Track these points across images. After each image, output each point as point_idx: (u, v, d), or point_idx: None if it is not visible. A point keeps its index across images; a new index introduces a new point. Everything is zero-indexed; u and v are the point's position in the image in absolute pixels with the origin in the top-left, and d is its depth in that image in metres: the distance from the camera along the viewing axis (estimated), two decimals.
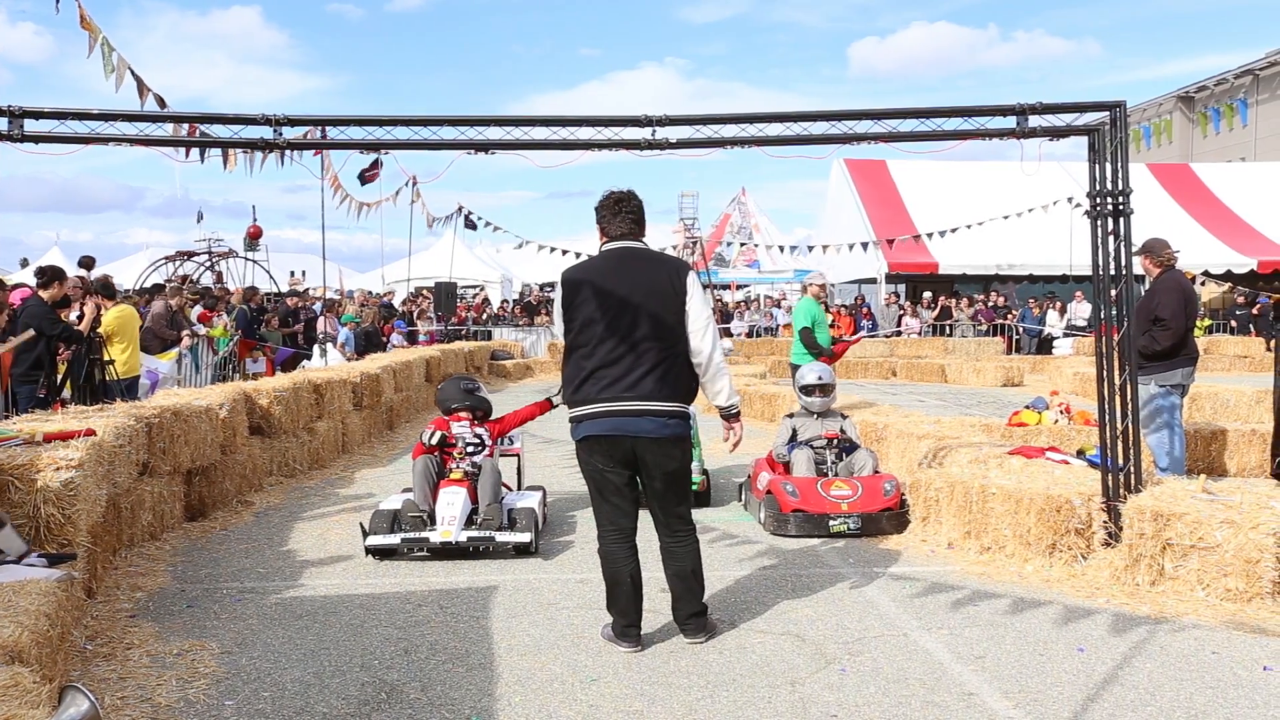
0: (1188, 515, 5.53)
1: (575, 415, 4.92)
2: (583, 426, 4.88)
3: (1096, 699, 4.27)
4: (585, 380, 4.85)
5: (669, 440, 4.85)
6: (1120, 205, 6.11)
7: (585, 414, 4.86)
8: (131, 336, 11.29)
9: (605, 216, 5.04)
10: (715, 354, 4.94)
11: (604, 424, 4.81)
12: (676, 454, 4.91)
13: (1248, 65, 46.19)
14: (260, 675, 4.56)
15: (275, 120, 6.13)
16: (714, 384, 4.98)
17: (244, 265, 23.88)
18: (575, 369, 4.90)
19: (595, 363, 4.82)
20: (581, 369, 4.86)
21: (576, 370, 4.89)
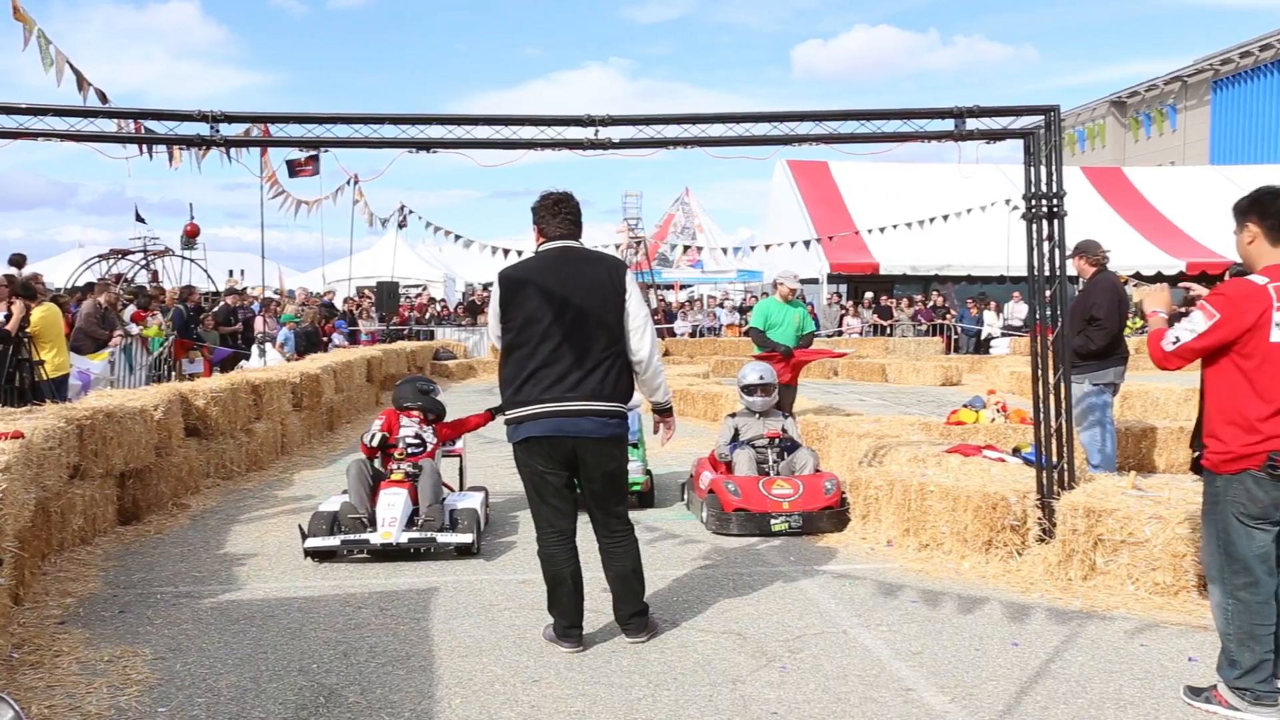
0: (1118, 511, 5.66)
1: (515, 416, 4.87)
2: (523, 428, 4.84)
3: (1029, 692, 4.35)
4: (526, 381, 4.81)
5: (609, 440, 4.85)
6: (1054, 207, 6.23)
7: (525, 415, 4.82)
8: (57, 336, 11.02)
9: (544, 217, 5.02)
10: (654, 353, 4.96)
11: (545, 424, 4.78)
12: (616, 454, 4.92)
13: (1176, 72, 47.38)
14: (195, 681, 4.48)
15: (212, 116, 6.03)
16: (652, 382, 5.02)
17: (180, 264, 23.45)
18: (515, 369, 4.86)
19: (537, 363, 4.79)
20: (522, 369, 4.82)
21: (517, 371, 4.85)
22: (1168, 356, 4.16)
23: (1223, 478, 4.09)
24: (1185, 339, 4.10)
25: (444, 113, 6.25)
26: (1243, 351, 4.02)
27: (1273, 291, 3.98)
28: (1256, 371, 4.00)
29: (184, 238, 23.38)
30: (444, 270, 34.93)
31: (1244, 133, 43.74)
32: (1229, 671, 4.11)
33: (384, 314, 24.43)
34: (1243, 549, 4.05)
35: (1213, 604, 4.26)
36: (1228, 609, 4.12)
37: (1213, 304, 4.06)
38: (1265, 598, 4.06)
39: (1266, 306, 3.97)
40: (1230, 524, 4.08)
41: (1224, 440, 4.08)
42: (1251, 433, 4.00)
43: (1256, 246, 4.14)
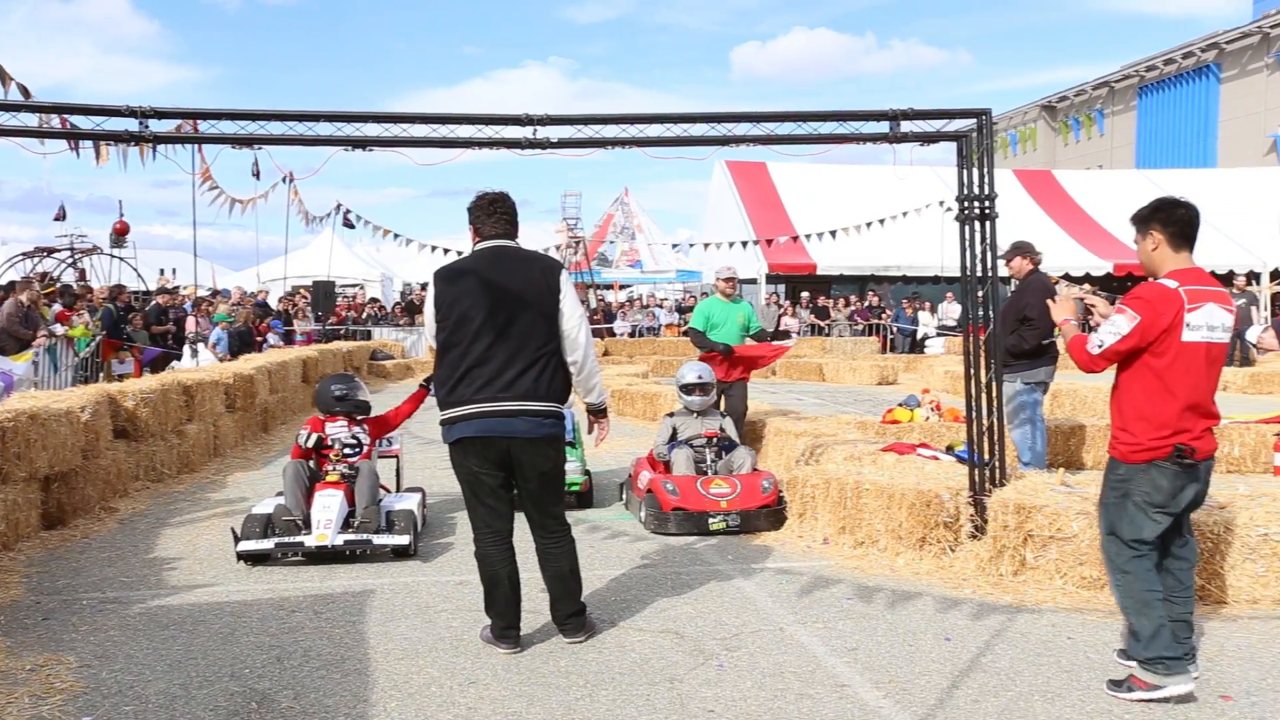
0: (1047, 507, 5.78)
1: (449, 417, 4.84)
2: (456, 428, 4.81)
3: (961, 685, 4.43)
4: (460, 380, 4.78)
5: (544, 440, 4.83)
6: (987, 209, 6.35)
7: (459, 415, 4.79)
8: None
9: (479, 217, 5.00)
10: (589, 353, 4.95)
11: (478, 425, 4.75)
12: (551, 454, 4.90)
13: (1104, 77, 48.44)
14: (122, 689, 4.38)
15: (141, 112, 5.91)
16: (588, 382, 5.00)
17: (109, 263, 22.93)
18: (449, 369, 4.83)
19: (469, 363, 4.75)
20: (455, 369, 4.79)
21: (451, 370, 4.82)
22: (1094, 359, 4.38)
23: (1129, 467, 4.33)
24: (1110, 342, 4.31)
25: (381, 110, 6.18)
26: (1156, 351, 4.26)
27: (1184, 294, 4.22)
28: (1168, 369, 4.24)
29: (113, 236, 22.88)
30: (381, 270, 34.57)
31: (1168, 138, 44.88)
32: (1137, 648, 4.32)
33: (320, 314, 24.11)
34: (1130, 534, 4.32)
35: (1110, 585, 4.52)
36: (1120, 584, 4.40)
37: (1133, 307, 4.28)
38: (1150, 566, 4.33)
39: (1179, 308, 4.21)
40: (1127, 511, 4.32)
41: (1134, 433, 4.31)
42: (1161, 427, 4.24)
43: (1160, 253, 4.41)
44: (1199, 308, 4.23)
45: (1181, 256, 4.37)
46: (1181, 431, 4.22)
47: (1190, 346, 4.22)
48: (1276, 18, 39.92)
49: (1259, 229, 29.45)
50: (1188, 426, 4.23)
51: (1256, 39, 40.95)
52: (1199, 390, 4.26)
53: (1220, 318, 4.28)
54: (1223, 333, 4.30)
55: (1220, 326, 4.28)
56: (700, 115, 6.37)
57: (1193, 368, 4.24)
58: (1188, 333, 4.21)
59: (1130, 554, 4.33)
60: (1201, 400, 4.27)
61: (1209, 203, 33.82)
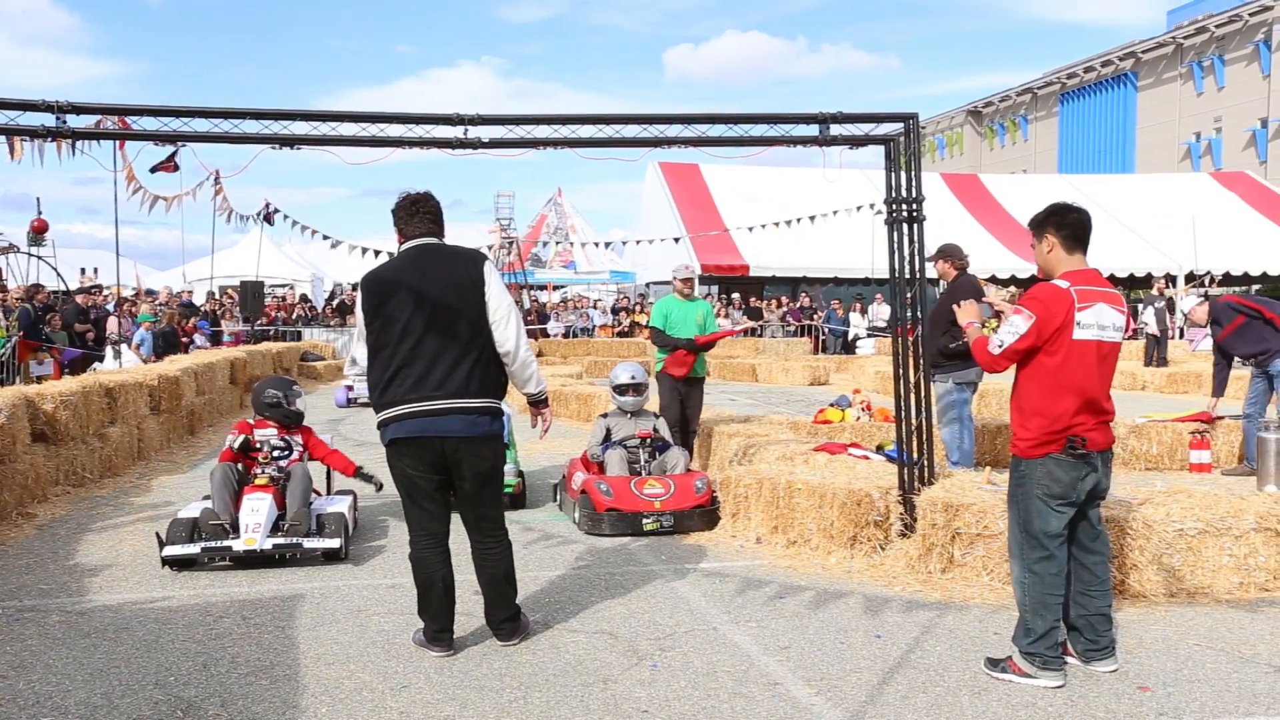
0: (974, 505, 5.89)
1: (383, 419, 4.78)
2: (390, 429, 4.75)
3: (891, 681, 4.50)
4: (390, 382, 4.73)
5: (479, 439, 4.78)
6: (914, 212, 6.45)
7: (392, 416, 4.73)
8: None
9: (403, 218, 4.94)
10: (521, 343, 4.87)
11: (411, 425, 4.70)
12: (488, 454, 4.84)
13: (1027, 84, 49.54)
14: (40, 699, 4.26)
15: (59, 107, 5.75)
16: (523, 373, 4.93)
17: (27, 261, 22.27)
18: (379, 372, 4.77)
19: (399, 362, 4.70)
20: (385, 371, 4.74)
21: (381, 373, 4.76)
22: (996, 359, 4.56)
23: (1028, 462, 4.50)
24: (1009, 341, 4.49)
25: (309, 109, 6.09)
26: (1050, 349, 4.44)
27: (1074, 294, 4.42)
28: (1061, 367, 4.43)
29: (30, 234, 22.20)
30: (311, 270, 34.07)
31: (1088, 143, 46.04)
32: (1023, 640, 4.50)
33: (248, 314, 23.69)
34: (1040, 527, 4.46)
35: (1013, 579, 4.66)
36: (1025, 582, 4.53)
37: (1028, 307, 4.47)
38: (1058, 570, 4.48)
39: (1070, 306, 4.40)
40: (1032, 504, 4.48)
41: (1029, 428, 4.49)
42: (1054, 420, 4.42)
43: (1055, 255, 4.62)
44: (1089, 307, 4.42)
45: (1075, 259, 4.57)
46: (1074, 426, 4.40)
47: (1081, 344, 4.41)
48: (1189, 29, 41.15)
49: (1175, 234, 30.35)
50: (1081, 421, 4.42)
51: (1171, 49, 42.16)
52: (1091, 386, 4.44)
53: (1111, 317, 4.48)
54: (1114, 331, 4.50)
55: (1111, 325, 4.48)
56: (632, 116, 6.38)
57: (1084, 365, 4.43)
58: (1078, 331, 4.40)
59: (1040, 554, 4.46)
60: (1095, 396, 4.45)
61: (1128, 207, 34.82)
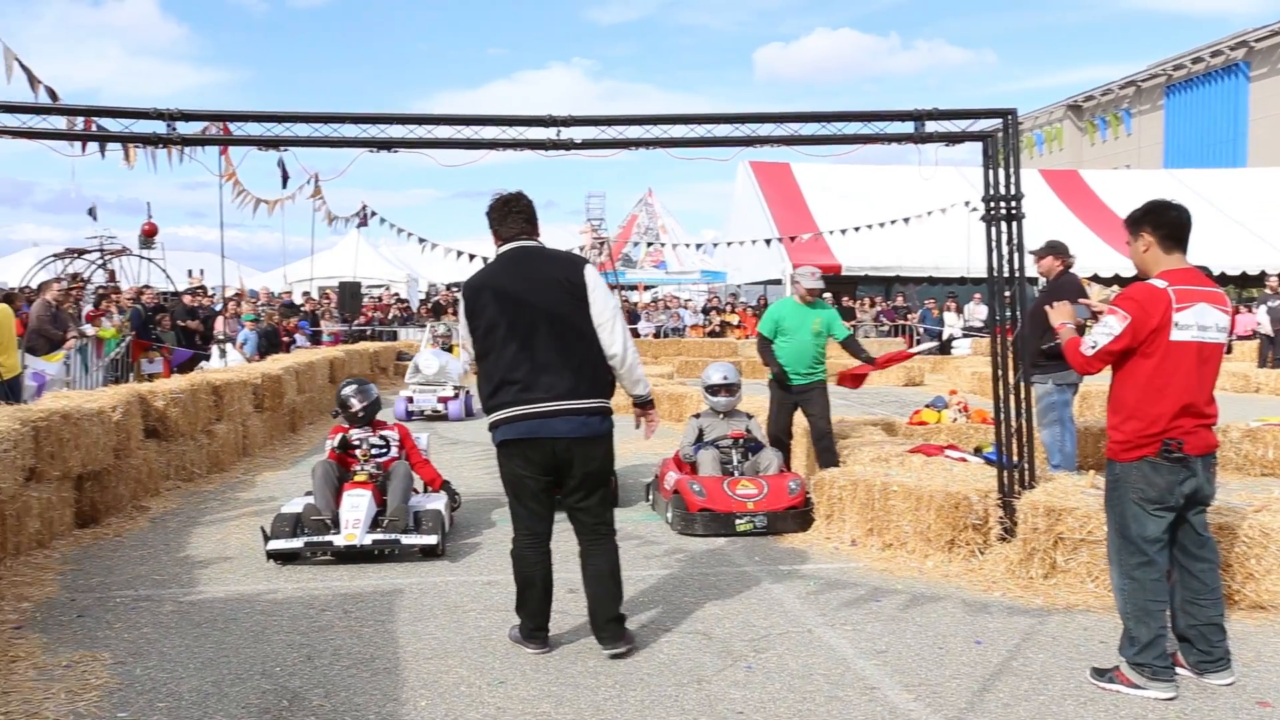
0: (1078, 510, 5.73)
1: (494, 420, 4.81)
2: (501, 431, 4.78)
3: (992, 688, 4.40)
4: (498, 387, 4.75)
5: (590, 439, 4.76)
6: (1013, 209, 6.31)
7: (502, 418, 4.76)
8: (8, 338, 10.83)
9: (495, 220, 4.96)
10: (628, 347, 4.85)
11: (522, 427, 4.71)
12: (598, 454, 4.82)
13: (1131, 76, 48.04)
14: (155, 686, 4.42)
15: (169, 114, 5.96)
16: (630, 375, 4.90)
17: (138, 264, 23.12)
18: (486, 377, 4.81)
19: (505, 367, 4.73)
20: (492, 376, 4.77)
21: (488, 378, 4.80)
22: (1089, 361, 4.45)
23: (1123, 465, 4.39)
24: (1103, 342, 4.39)
25: (405, 112, 6.22)
26: (1146, 350, 4.32)
27: (1172, 293, 4.29)
28: (1157, 368, 4.30)
29: (141, 237, 23.04)
30: (406, 270, 34.72)
31: (1196, 137, 44.46)
32: (1129, 649, 4.37)
33: (346, 314, 24.24)
34: (1137, 531, 4.34)
35: (1113, 586, 4.53)
36: (1125, 589, 4.41)
37: (1123, 308, 4.35)
38: (1158, 575, 4.35)
39: (1167, 307, 4.28)
40: (1128, 508, 4.36)
41: (1124, 431, 4.37)
42: (1151, 423, 4.29)
43: (1151, 254, 4.49)
44: (1189, 307, 4.28)
45: (1173, 258, 4.44)
46: (1172, 429, 4.27)
47: (1180, 345, 4.28)
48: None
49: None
50: (1179, 424, 4.28)
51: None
52: (1190, 389, 4.30)
53: (1213, 317, 4.33)
54: (1216, 332, 4.35)
55: (1214, 326, 4.33)
56: (724, 116, 6.36)
57: (1183, 366, 4.29)
58: (1176, 332, 4.28)
59: (1138, 560, 4.34)
60: (1194, 399, 4.31)
61: (1239, 202, 33.58)
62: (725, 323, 28.06)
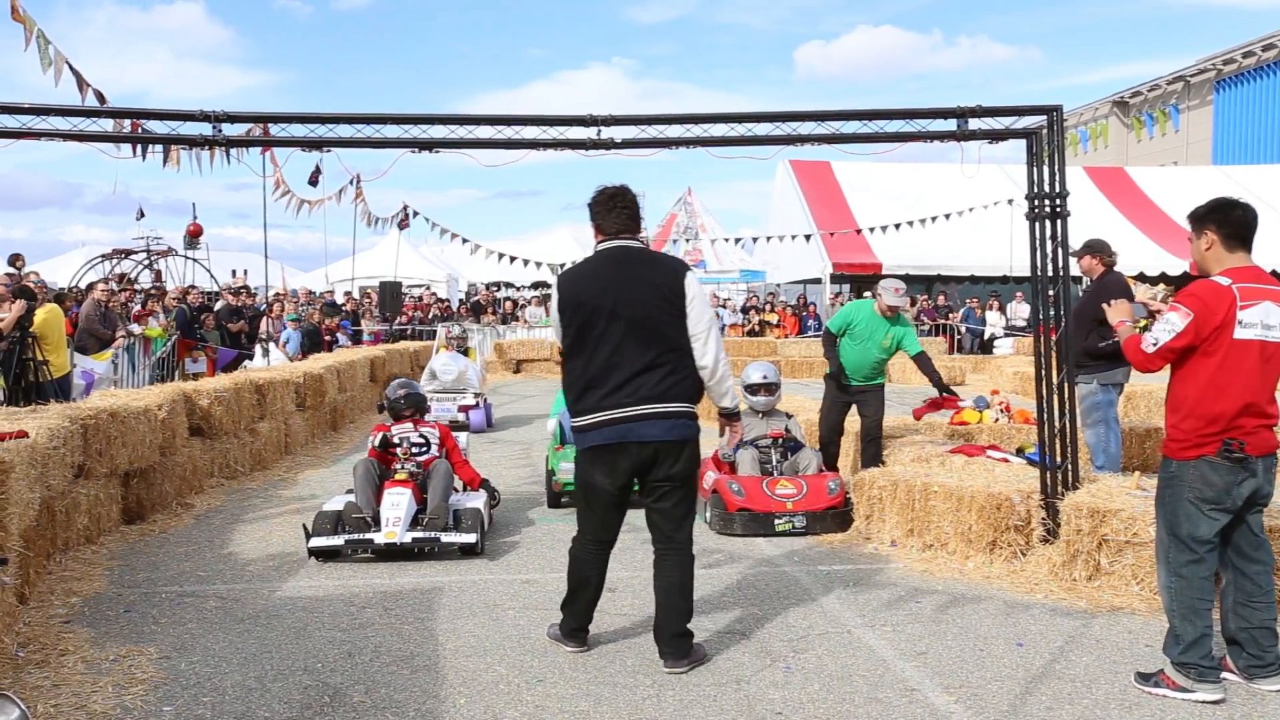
0: (1123, 511, 5.65)
1: (580, 425, 4.71)
2: (589, 435, 4.67)
3: (1034, 692, 4.35)
4: (587, 388, 4.65)
5: (679, 443, 4.65)
6: (1057, 207, 6.23)
7: (589, 423, 4.65)
8: (58, 337, 11.10)
9: (599, 213, 4.80)
10: (720, 360, 4.73)
11: (609, 432, 4.60)
12: (684, 458, 4.69)
13: (1179, 72, 47.30)
14: (200, 680, 4.49)
15: (215, 116, 6.04)
16: (719, 388, 4.78)
17: (184, 264, 23.46)
18: (575, 376, 4.70)
19: (596, 368, 4.62)
20: (582, 375, 4.67)
21: (576, 377, 4.69)
22: (1150, 358, 4.37)
23: (1179, 463, 4.33)
24: (1164, 339, 4.31)
25: (446, 113, 6.25)
26: (1208, 348, 4.25)
27: (1236, 291, 4.23)
28: (1219, 366, 4.24)
29: (187, 238, 23.38)
30: (447, 270, 34.93)
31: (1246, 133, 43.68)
32: (1173, 649, 4.32)
33: (387, 314, 24.43)
34: (1188, 531, 4.28)
35: (1160, 584, 4.47)
36: (1172, 587, 4.35)
37: (1186, 304, 4.28)
38: (1207, 574, 4.30)
39: (1231, 304, 4.21)
40: (1181, 507, 4.30)
41: (1183, 429, 4.31)
42: (1210, 422, 4.24)
43: (1213, 252, 4.42)
44: (1253, 305, 4.22)
45: (1236, 256, 4.37)
46: (1232, 429, 4.21)
47: (1243, 344, 4.22)
48: None
49: None
50: (1240, 424, 4.22)
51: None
52: (1253, 388, 4.24)
53: (1277, 316, 4.25)
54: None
55: (1278, 325, 4.25)
56: (765, 114, 6.34)
57: (1245, 365, 4.23)
58: (1240, 330, 4.21)
59: (1188, 557, 4.29)
60: (1256, 398, 4.25)
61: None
62: (764, 322, 27.95)
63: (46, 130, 6.01)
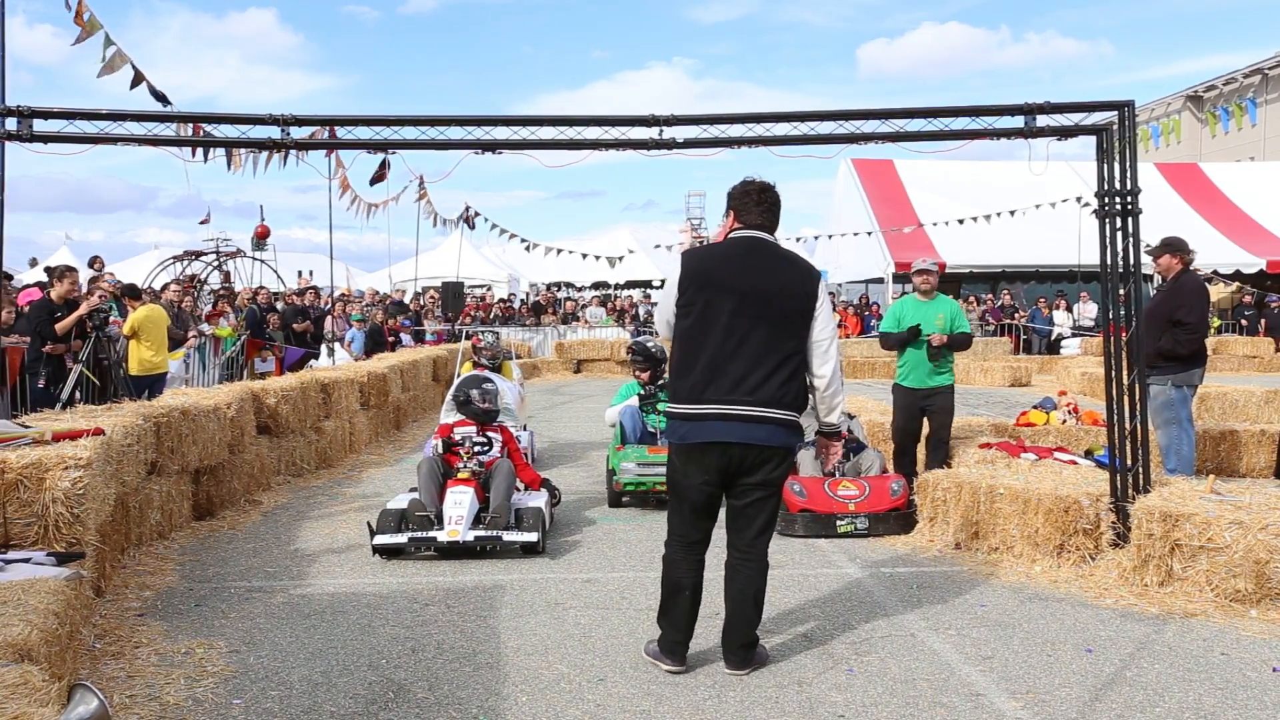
0: (1196, 516, 5.51)
1: (682, 412, 4.51)
2: (688, 429, 4.49)
3: (1104, 699, 4.26)
4: (700, 374, 4.45)
5: (778, 449, 4.50)
6: (1129, 204, 6.10)
7: (693, 414, 4.46)
8: (159, 335, 11.48)
9: (743, 203, 4.63)
10: (837, 375, 4.63)
11: (713, 429, 4.44)
12: (780, 465, 4.56)
13: (1256, 64, 46.00)
14: (268, 674, 4.57)
15: (282, 120, 6.15)
16: (830, 401, 4.69)
17: (251, 265, 23.91)
18: (689, 358, 4.49)
19: (714, 357, 4.44)
20: (696, 359, 4.46)
21: (690, 360, 4.48)
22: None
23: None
24: None
25: (509, 114, 6.31)
26: None
27: None
28: None
29: (254, 239, 23.82)
30: (508, 270, 35.17)
31: None
32: None
33: (449, 314, 24.67)
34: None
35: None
36: None
37: None
38: None
39: None
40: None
41: None
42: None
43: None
44: None
45: None
46: None
47: None
48: None
49: None
50: None
51: None
52: None
53: None
54: None
55: None
56: (828, 113, 6.29)
57: None
58: None
59: None
60: None
61: None
62: None
63: (122, 135, 6.16)
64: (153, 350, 11.33)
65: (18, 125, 5.98)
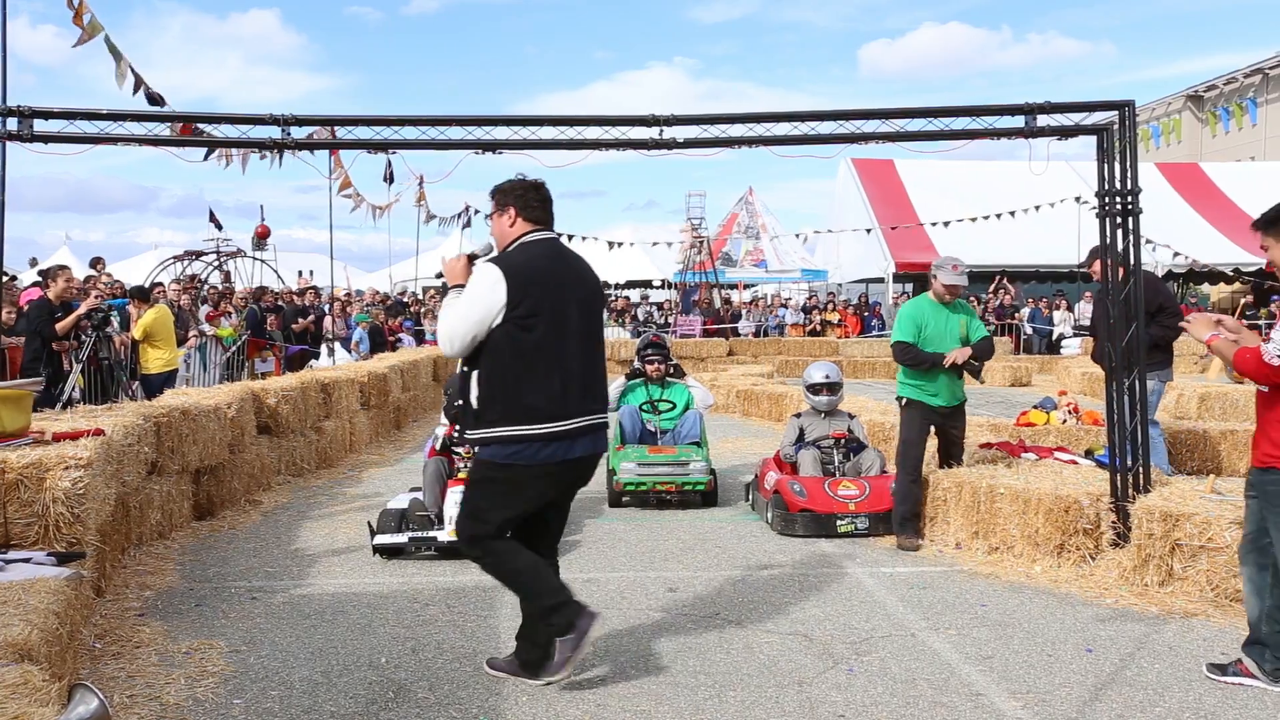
0: (1197, 516, 5.51)
1: (538, 434, 4.18)
2: (552, 449, 4.20)
3: (1104, 699, 4.26)
4: (557, 388, 4.22)
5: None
6: (1130, 204, 6.11)
7: (556, 432, 4.21)
8: (168, 335, 11.66)
9: (530, 202, 4.40)
10: None
11: (582, 444, 4.30)
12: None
13: (1257, 64, 45.99)
14: (268, 674, 4.57)
15: (283, 120, 6.15)
16: None
17: (252, 265, 23.90)
18: (536, 373, 4.22)
19: (565, 367, 4.25)
20: (550, 373, 4.22)
21: (541, 374, 4.21)
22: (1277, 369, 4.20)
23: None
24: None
25: (509, 114, 6.32)
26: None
27: None
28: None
29: (255, 239, 23.82)
30: None
31: None
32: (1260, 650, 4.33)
33: None
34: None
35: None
36: None
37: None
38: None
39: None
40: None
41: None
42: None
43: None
44: None
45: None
46: None
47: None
48: None
49: None
50: None
51: None
52: None
53: None
54: None
55: None
56: (828, 113, 6.30)
57: None
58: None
59: None
60: None
61: None
62: (825, 321, 27.74)
63: (123, 135, 6.16)
64: (167, 349, 11.65)
65: (18, 125, 5.98)
